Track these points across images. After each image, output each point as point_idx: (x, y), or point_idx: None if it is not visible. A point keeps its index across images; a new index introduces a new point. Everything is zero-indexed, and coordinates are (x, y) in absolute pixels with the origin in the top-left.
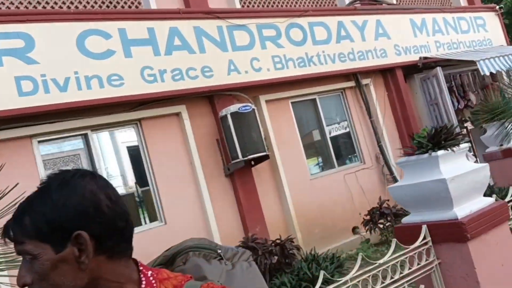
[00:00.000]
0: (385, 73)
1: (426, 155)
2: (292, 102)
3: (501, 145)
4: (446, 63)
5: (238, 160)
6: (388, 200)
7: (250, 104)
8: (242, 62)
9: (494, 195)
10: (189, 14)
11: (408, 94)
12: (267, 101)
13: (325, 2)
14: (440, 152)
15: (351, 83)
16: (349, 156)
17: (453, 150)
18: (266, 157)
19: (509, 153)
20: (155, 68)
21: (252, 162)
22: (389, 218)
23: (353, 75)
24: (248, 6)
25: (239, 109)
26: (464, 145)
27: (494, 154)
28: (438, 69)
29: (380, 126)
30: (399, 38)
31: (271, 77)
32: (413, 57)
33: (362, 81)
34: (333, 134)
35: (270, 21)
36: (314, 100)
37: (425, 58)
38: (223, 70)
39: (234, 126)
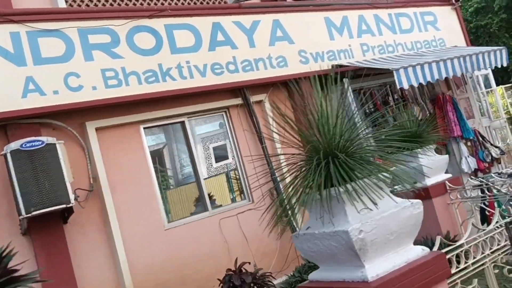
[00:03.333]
0: (290, 85)
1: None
2: (145, 128)
3: (415, 182)
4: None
5: (22, 216)
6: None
7: (42, 138)
8: (49, 80)
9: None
10: None
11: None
12: (98, 129)
13: None
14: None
15: (237, 100)
16: (233, 194)
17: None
18: (70, 210)
19: (425, 193)
20: None
21: (66, 214)
22: None
23: (239, 91)
24: (79, 6)
25: (21, 145)
26: None
27: (407, 193)
28: (346, 81)
29: (278, 153)
30: (307, 42)
31: (99, 97)
32: (327, 65)
33: (251, 97)
34: (209, 165)
35: (100, 24)
36: (183, 123)
37: (339, 66)
38: (17, 91)
39: (16, 169)
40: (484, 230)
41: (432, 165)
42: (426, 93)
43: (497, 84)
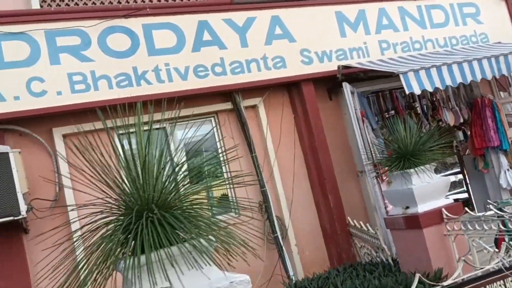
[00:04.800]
0: (290, 89)
1: None
2: (121, 134)
3: (407, 207)
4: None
5: None
6: None
7: None
8: (10, 85)
9: None
10: None
11: (318, 116)
12: (66, 136)
13: None
14: None
15: (227, 105)
16: (220, 207)
17: None
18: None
19: (414, 222)
20: None
21: (23, 225)
22: None
23: (229, 95)
24: (50, 6)
25: None
26: None
27: (397, 220)
28: (344, 85)
29: (270, 163)
30: (311, 40)
31: (64, 103)
32: (335, 66)
33: (242, 102)
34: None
35: (71, 25)
36: (164, 129)
37: (345, 67)
38: None
39: None
40: (481, 268)
41: (426, 189)
42: (462, 95)
43: None
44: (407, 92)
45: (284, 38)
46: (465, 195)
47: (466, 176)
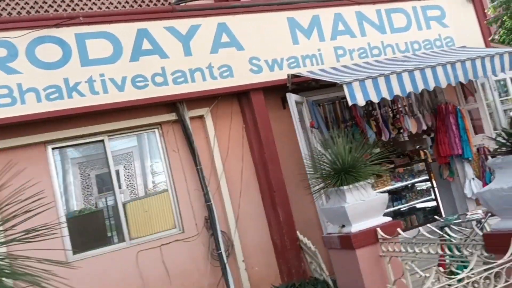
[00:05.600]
0: (241, 98)
1: None
2: (54, 148)
3: (343, 226)
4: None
5: None
6: None
7: None
8: None
9: None
10: None
11: (268, 126)
12: None
13: (119, 2)
14: None
15: (171, 116)
16: (159, 222)
17: None
18: None
19: (347, 242)
20: None
21: None
22: None
23: (174, 105)
24: None
25: None
26: None
27: (333, 239)
28: (288, 96)
29: (217, 175)
30: (261, 48)
31: None
32: (286, 74)
33: (187, 112)
34: (132, 187)
35: None
36: (102, 142)
37: (295, 76)
38: None
39: None
40: None
41: (360, 207)
42: (427, 101)
43: None
44: (349, 104)
45: (231, 46)
46: (434, 203)
47: (434, 184)
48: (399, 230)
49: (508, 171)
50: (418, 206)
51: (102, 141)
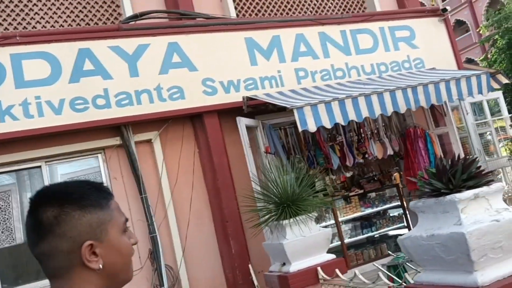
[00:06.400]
0: (194, 121)
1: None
2: None
3: (283, 264)
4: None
5: None
6: None
7: None
8: None
9: None
10: None
11: (222, 151)
12: None
13: (55, 20)
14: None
15: (115, 141)
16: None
17: None
18: None
19: (285, 283)
20: None
21: None
22: None
23: (118, 129)
24: None
25: None
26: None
27: (273, 279)
28: (238, 120)
29: (165, 205)
30: (215, 69)
31: None
32: (243, 96)
33: (133, 137)
34: None
35: None
36: (39, 168)
37: (250, 98)
38: None
39: None
40: None
41: (300, 244)
42: (394, 125)
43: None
44: (299, 130)
45: (183, 66)
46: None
47: (407, 211)
48: (337, 271)
49: (430, 216)
50: (390, 233)
51: (40, 167)
